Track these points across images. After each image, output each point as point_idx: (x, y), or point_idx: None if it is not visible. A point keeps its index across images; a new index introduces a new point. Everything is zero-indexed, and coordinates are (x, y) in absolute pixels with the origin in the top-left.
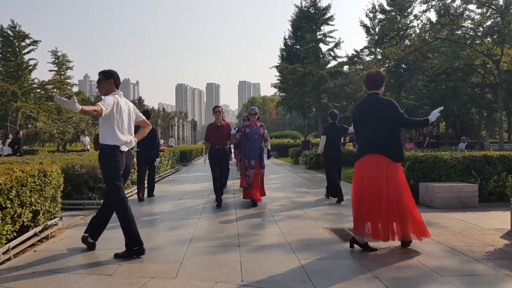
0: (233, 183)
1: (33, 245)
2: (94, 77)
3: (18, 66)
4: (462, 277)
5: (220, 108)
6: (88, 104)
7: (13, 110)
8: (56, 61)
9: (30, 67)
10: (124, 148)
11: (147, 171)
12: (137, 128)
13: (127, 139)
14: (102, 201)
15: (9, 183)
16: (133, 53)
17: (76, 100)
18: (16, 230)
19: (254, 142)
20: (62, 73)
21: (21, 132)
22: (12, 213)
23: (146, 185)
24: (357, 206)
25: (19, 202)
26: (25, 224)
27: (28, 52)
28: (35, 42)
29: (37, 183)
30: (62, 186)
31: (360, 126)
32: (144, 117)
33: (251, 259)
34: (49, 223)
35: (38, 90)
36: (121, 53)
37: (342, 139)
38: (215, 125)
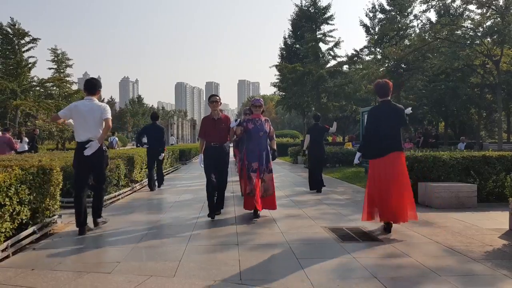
0: (232, 182)
1: (31, 242)
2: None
3: (17, 63)
4: (460, 277)
5: (217, 98)
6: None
7: (13, 108)
8: (56, 59)
9: (30, 65)
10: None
11: (155, 166)
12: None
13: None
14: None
15: (8, 180)
16: (133, 52)
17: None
18: (15, 227)
19: (258, 140)
20: (62, 71)
21: (37, 130)
22: (11, 210)
23: (156, 177)
24: (372, 197)
25: (18, 200)
26: (24, 221)
27: (27, 50)
28: (34, 40)
29: (36, 180)
30: (61, 184)
31: (378, 127)
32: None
33: (249, 257)
34: (48, 220)
35: (38, 88)
36: (121, 51)
37: (348, 139)
38: (211, 119)
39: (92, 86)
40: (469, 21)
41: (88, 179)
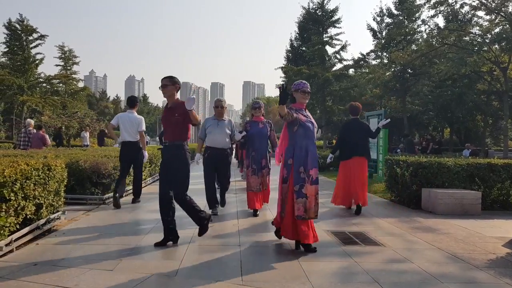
0: (235, 182)
1: (35, 238)
2: (100, 73)
3: (25, 60)
4: (462, 284)
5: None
6: (93, 100)
7: (19, 103)
8: (63, 56)
9: (37, 61)
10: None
11: None
12: None
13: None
14: (104, 196)
15: (13, 175)
16: (139, 51)
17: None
18: (19, 222)
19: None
20: (68, 68)
21: (63, 127)
22: (16, 205)
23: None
24: (339, 186)
25: (22, 195)
26: (28, 217)
27: (35, 47)
28: (42, 37)
29: (41, 176)
30: (66, 181)
31: (348, 138)
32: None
33: (251, 259)
34: (52, 216)
35: (44, 85)
36: (127, 50)
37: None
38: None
39: (132, 101)
40: (477, 28)
41: (129, 169)
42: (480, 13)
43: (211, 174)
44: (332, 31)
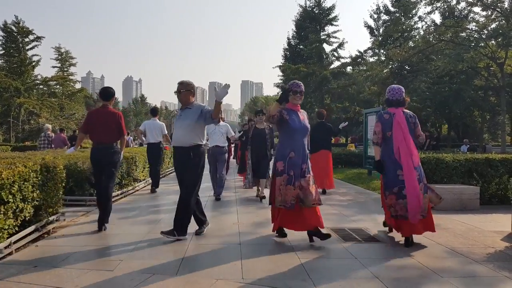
0: (234, 181)
1: (34, 240)
2: (97, 75)
3: (21, 62)
4: (462, 278)
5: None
6: (90, 102)
7: (16, 105)
8: (60, 57)
9: (33, 63)
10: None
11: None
12: None
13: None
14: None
15: (11, 177)
16: (137, 51)
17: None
18: (18, 225)
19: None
20: (65, 69)
21: (77, 131)
22: (14, 207)
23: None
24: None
25: (21, 197)
26: (27, 219)
27: (31, 48)
28: (38, 38)
29: (39, 178)
30: (64, 182)
31: (316, 137)
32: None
33: (251, 257)
34: (50, 218)
35: (41, 86)
36: (125, 51)
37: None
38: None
39: (155, 111)
40: (474, 24)
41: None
42: (476, 9)
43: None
44: (329, 29)
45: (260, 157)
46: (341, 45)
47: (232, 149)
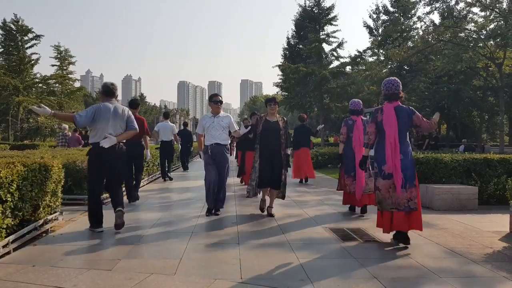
0: (233, 180)
1: (33, 239)
2: (96, 73)
3: (20, 60)
4: (460, 279)
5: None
6: (90, 100)
7: (15, 104)
8: (59, 56)
9: (33, 62)
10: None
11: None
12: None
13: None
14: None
15: (10, 176)
16: (136, 50)
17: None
18: (16, 224)
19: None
20: (64, 68)
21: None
22: (13, 206)
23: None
24: (296, 168)
25: (19, 196)
26: (25, 218)
27: (30, 47)
28: (37, 37)
29: (38, 177)
30: (63, 181)
31: (298, 137)
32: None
33: (250, 257)
34: (49, 217)
35: (40, 85)
36: (124, 50)
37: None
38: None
39: (167, 114)
40: (473, 24)
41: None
42: (475, 9)
43: (211, 169)
44: (328, 28)
45: (273, 158)
46: (340, 45)
47: (235, 148)
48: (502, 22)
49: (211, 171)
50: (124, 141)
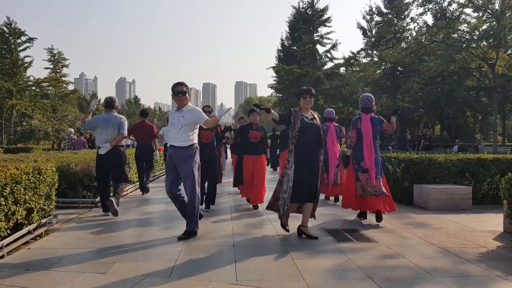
0: (229, 183)
1: (26, 242)
2: (90, 76)
3: (13, 63)
4: (454, 278)
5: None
6: (83, 103)
7: (8, 107)
8: (52, 58)
9: (26, 65)
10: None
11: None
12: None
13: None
14: (96, 199)
15: (3, 180)
16: (130, 52)
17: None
18: (10, 227)
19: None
20: (58, 71)
21: (94, 135)
22: (6, 210)
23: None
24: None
25: (13, 200)
26: (19, 221)
27: (23, 49)
28: (30, 39)
29: (31, 180)
30: (57, 184)
31: (285, 135)
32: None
33: (245, 258)
34: (43, 221)
35: (34, 88)
36: (118, 52)
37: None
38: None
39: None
40: (465, 25)
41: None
42: (468, 10)
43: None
44: (322, 30)
45: (312, 164)
46: (334, 46)
47: (228, 151)
48: (494, 22)
49: (168, 179)
50: (128, 142)
